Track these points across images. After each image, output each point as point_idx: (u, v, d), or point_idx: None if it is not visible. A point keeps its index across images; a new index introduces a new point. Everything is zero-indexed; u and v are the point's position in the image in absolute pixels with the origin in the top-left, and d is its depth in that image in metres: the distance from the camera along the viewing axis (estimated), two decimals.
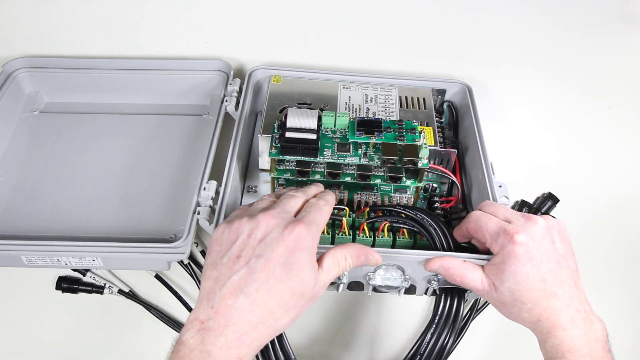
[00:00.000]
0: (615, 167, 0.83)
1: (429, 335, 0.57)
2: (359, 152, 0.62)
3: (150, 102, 0.79)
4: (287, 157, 0.62)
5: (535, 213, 0.71)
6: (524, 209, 0.74)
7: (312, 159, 0.62)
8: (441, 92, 0.78)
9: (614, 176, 0.82)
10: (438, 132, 0.71)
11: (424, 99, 0.74)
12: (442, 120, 0.76)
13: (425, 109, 0.73)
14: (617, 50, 0.80)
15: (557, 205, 0.75)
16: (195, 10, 0.78)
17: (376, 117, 0.70)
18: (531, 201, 0.75)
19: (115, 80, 0.78)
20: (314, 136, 0.62)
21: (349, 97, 0.74)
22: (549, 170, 0.81)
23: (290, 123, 0.63)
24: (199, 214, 0.60)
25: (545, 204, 0.74)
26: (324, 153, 0.62)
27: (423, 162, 0.61)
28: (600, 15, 0.77)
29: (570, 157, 0.84)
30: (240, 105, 0.71)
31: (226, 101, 0.73)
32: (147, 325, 0.69)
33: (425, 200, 0.69)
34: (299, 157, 0.62)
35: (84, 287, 0.68)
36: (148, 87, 0.78)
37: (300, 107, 0.71)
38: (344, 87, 0.75)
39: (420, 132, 0.63)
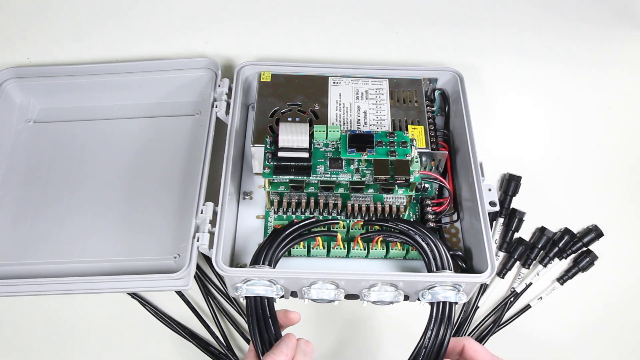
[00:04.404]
0: (614, 168, 0.82)
1: (427, 336, 0.60)
2: (351, 167, 0.63)
3: (142, 106, 0.79)
4: (281, 177, 0.63)
5: (577, 243, 0.74)
6: (566, 237, 0.74)
7: (305, 178, 0.63)
8: (433, 81, 0.77)
9: (613, 177, 0.82)
10: (429, 122, 0.72)
11: (415, 92, 0.74)
12: (435, 108, 0.76)
13: (416, 104, 0.73)
14: (617, 48, 0.78)
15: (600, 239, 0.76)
16: (177, 6, 0.76)
17: (368, 129, 0.70)
18: (575, 231, 0.76)
19: (103, 84, 0.77)
20: (306, 154, 0.63)
21: (340, 93, 0.74)
22: (543, 169, 0.82)
23: (282, 142, 0.63)
24: (198, 240, 0.62)
25: (589, 235, 0.75)
26: (317, 171, 0.63)
27: (415, 176, 0.62)
28: (599, 14, 0.75)
29: (565, 154, 0.83)
30: (231, 111, 0.71)
31: (216, 106, 0.73)
32: (142, 322, 0.71)
33: (416, 201, 0.71)
34: (292, 177, 0.63)
35: None
36: (137, 90, 0.78)
37: (291, 110, 0.72)
38: (334, 83, 0.75)
39: (411, 143, 0.64)
